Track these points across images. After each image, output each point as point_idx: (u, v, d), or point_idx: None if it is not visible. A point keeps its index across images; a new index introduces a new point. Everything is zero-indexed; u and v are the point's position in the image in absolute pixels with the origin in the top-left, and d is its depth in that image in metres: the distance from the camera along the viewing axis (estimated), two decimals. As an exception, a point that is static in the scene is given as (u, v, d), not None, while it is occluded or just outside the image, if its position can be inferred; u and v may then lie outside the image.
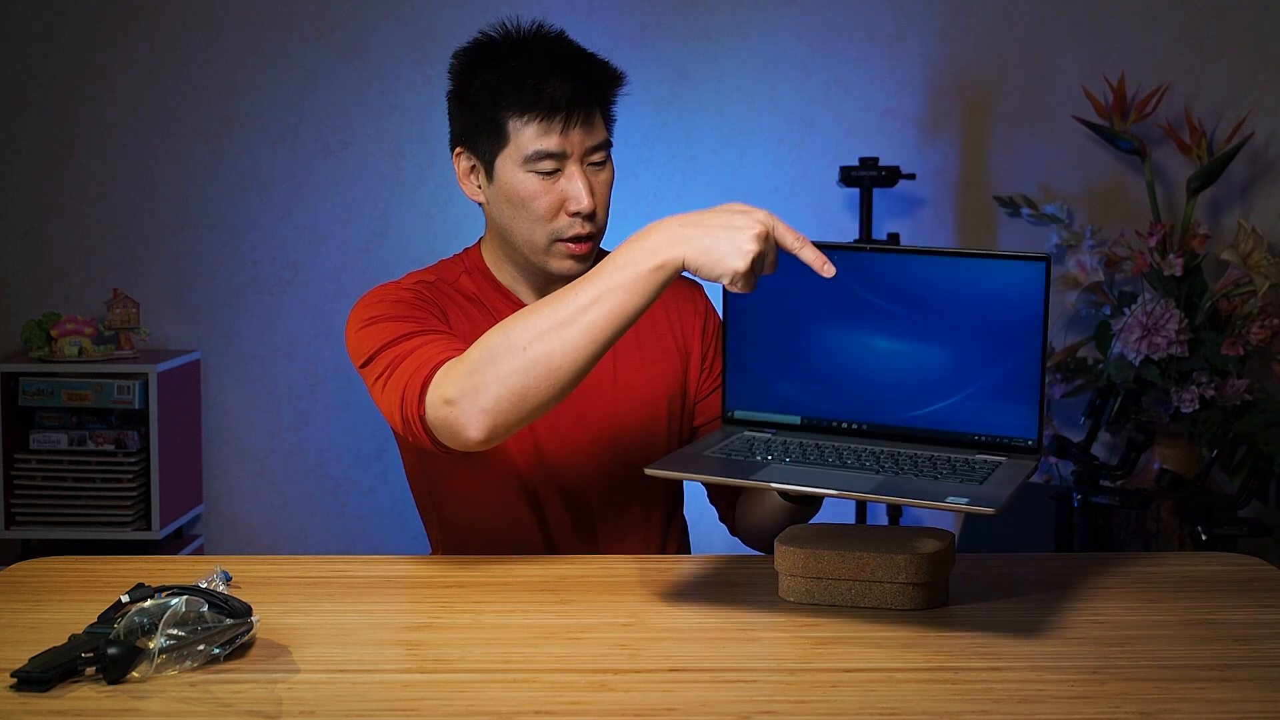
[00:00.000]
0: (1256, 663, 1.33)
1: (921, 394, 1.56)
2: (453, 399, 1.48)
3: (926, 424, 1.57)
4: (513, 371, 1.46)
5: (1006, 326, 1.51)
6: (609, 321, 1.46)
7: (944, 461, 1.50)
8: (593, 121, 1.71)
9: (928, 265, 1.54)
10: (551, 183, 1.70)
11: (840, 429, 1.60)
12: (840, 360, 1.58)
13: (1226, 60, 3.48)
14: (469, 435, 1.48)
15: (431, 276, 1.80)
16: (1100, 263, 3.34)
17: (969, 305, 1.52)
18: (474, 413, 1.47)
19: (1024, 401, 1.52)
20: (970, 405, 1.55)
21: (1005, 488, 1.41)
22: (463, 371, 1.49)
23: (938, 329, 1.54)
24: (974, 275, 1.52)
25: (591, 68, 1.73)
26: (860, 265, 1.56)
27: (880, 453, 1.53)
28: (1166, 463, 3.27)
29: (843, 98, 3.51)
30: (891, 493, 1.39)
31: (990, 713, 1.20)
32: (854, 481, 1.44)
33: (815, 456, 1.52)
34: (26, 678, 1.25)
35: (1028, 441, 1.53)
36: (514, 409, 1.47)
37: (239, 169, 3.54)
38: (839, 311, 1.58)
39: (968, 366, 1.54)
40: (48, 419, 3.31)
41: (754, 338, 1.62)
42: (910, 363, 1.56)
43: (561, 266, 1.73)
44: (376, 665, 1.33)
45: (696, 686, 1.27)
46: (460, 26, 3.39)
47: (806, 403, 1.61)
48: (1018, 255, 1.51)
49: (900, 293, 1.55)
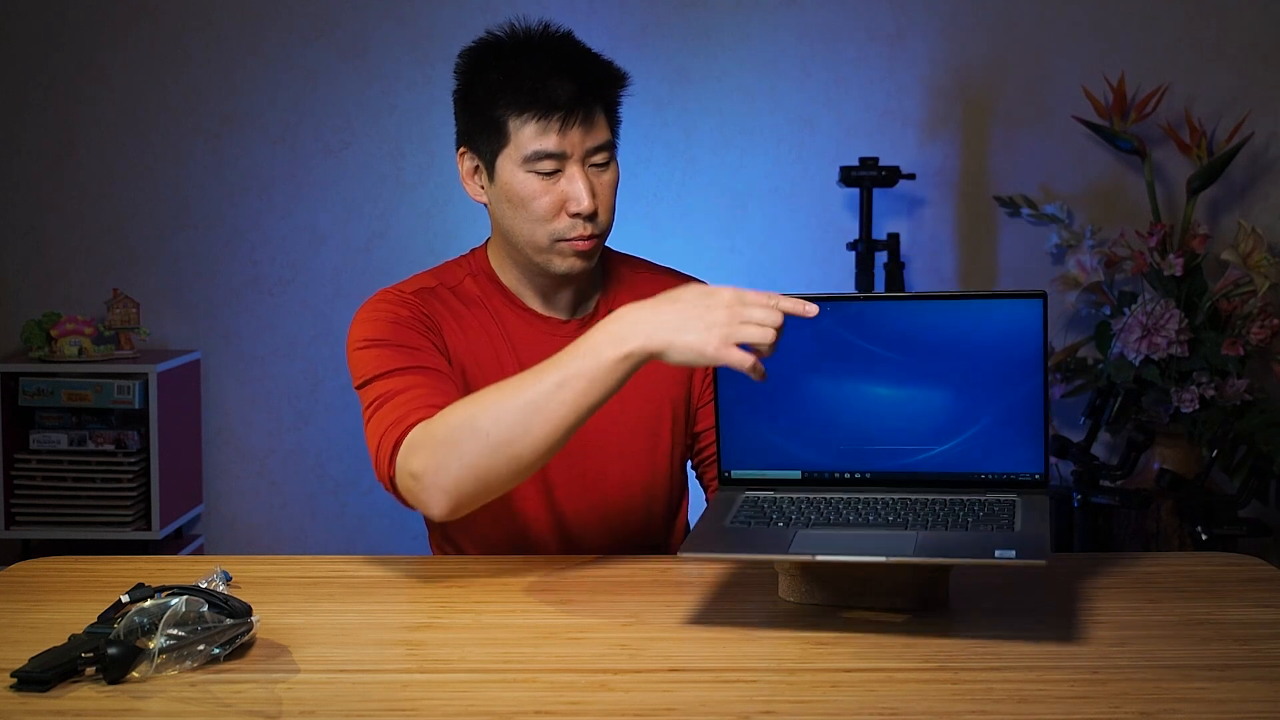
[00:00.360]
0: (1256, 663, 1.33)
1: (923, 438, 1.54)
2: (417, 475, 1.51)
3: (930, 468, 1.54)
4: (476, 455, 1.48)
5: (1006, 365, 1.49)
6: (572, 410, 1.47)
7: (962, 506, 1.48)
8: (594, 121, 1.70)
9: (921, 310, 1.52)
10: (552, 183, 1.69)
11: (843, 480, 1.57)
12: (837, 410, 1.55)
13: (1226, 60, 3.48)
14: (432, 511, 1.52)
15: (434, 281, 1.79)
16: (1100, 263, 3.34)
17: (966, 346, 1.50)
18: (436, 491, 1.50)
19: (1028, 436, 1.50)
20: (973, 446, 1.52)
21: (1038, 530, 1.40)
22: (429, 447, 1.51)
23: (936, 372, 1.52)
24: (970, 316, 1.50)
25: (593, 67, 1.72)
26: (852, 313, 1.53)
27: (894, 502, 1.51)
28: (1166, 463, 3.27)
29: (843, 98, 3.51)
30: (937, 552, 1.37)
31: (990, 713, 1.20)
32: (894, 543, 1.40)
33: (834, 515, 1.49)
34: (26, 678, 1.25)
35: (1034, 475, 1.52)
36: (476, 490, 1.51)
37: (239, 169, 3.54)
38: (832, 361, 1.54)
39: (968, 407, 1.52)
40: (48, 419, 3.31)
41: (747, 394, 1.57)
42: (909, 408, 1.53)
43: (564, 265, 1.72)
44: (376, 665, 1.33)
45: (696, 686, 1.27)
46: (460, 26, 3.40)
47: (805, 456, 1.57)
48: (1013, 294, 1.50)
49: (894, 338, 1.52)
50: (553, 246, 1.71)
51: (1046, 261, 3.53)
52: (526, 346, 1.76)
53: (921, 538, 1.41)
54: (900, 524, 1.46)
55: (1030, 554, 1.34)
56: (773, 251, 3.54)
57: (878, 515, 1.48)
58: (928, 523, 1.46)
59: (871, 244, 3.34)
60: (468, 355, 1.74)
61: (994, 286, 3.54)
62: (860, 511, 1.50)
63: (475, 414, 1.49)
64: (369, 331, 1.70)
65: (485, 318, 1.77)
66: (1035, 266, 3.53)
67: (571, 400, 1.46)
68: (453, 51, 1.79)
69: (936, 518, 1.47)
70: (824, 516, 1.49)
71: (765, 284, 3.47)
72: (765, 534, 1.46)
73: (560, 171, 1.69)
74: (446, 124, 1.79)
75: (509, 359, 1.75)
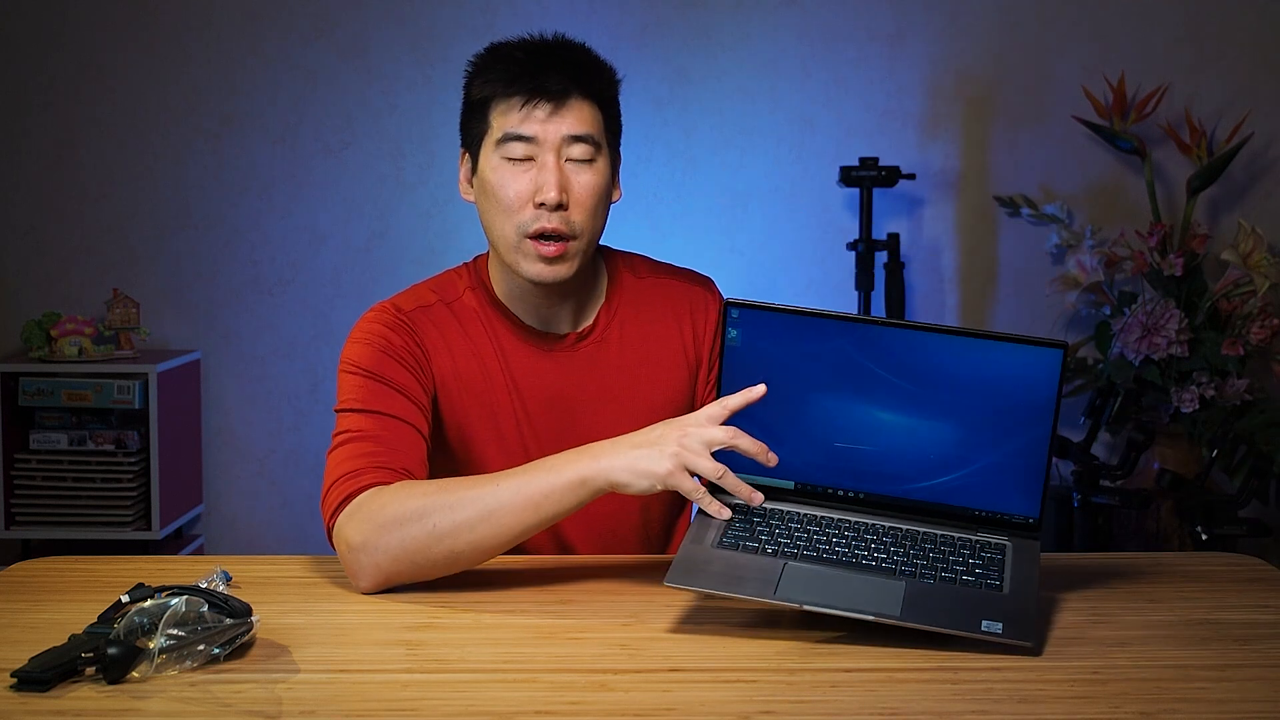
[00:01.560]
0: (1256, 663, 1.33)
1: (922, 468, 1.52)
2: (354, 547, 1.52)
3: (925, 497, 1.53)
4: (415, 544, 1.50)
5: (1016, 409, 1.48)
6: (519, 523, 1.49)
7: (952, 548, 1.47)
8: (571, 109, 1.67)
9: (940, 343, 1.50)
10: (522, 170, 1.66)
11: (835, 496, 1.56)
12: (839, 429, 1.54)
13: (1226, 60, 3.48)
14: (358, 583, 1.54)
15: (433, 297, 1.77)
16: (1100, 263, 3.34)
17: (979, 385, 1.49)
18: (369, 567, 1.52)
19: (1027, 481, 1.49)
20: (971, 481, 1.51)
21: (1026, 598, 1.39)
22: (373, 524, 1.51)
23: (944, 406, 1.50)
24: (989, 356, 1.48)
25: (581, 59, 1.70)
26: (867, 337, 1.52)
27: (884, 532, 1.50)
28: (1166, 463, 3.27)
29: (843, 98, 3.51)
30: (923, 611, 1.36)
31: (990, 713, 1.20)
32: (882, 594, 1.40)
33: (822, 544, 1.48)
34: (26, 678, 1.25)
35: (1028, 520, 1.51)
36: (407, 575, 1.53)
37: (239, 169, 3.54)
38: (840, 382, 1.53)
39: (972, 444, 1.50)
40: (48, 419, 3.31)
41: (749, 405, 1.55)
42: (912, 437, 1.52)
43: (531, 270, 1.68)
44: (376, 665, 1.33)
45: (696, 686, 1.27)
46: (460, 27, 3.40)
47: (800, 468, 1.56)
48: (1035, 340, 1.48)
49: (909, 367, 1.51)
50: (520, 245, 1.67)
51: (1046, 261, 3.53)
52: (520, 364, 1.75)
53: (909, 591, 1.40)
54: (889, 566, 1.45)
55: (1016, 630, 1.34)
56: (773, 251, 3.54)
57: (867, 552, 1.47)
58: (916, 568, 1.44)
59: (871, 244, 3.34)
60: (454, 379, 1.74)
61: (994, 286, 3.54)
62: (849, 542, 1.49)
63: (426, 507, 1.50)
64: (358, 355, 1.70)
65: (480, 335, 1.75)
66: (1035, 266, 3.53)
67: (523, 513, 1.49)
68: (453, 52, 1.80)
69: (926, 561, 1.45)
70: (813, 546, 1.48)
71: (765, 284, 3.49)
72: (753, 565, 1.44)
73: (533, 161, 1.67)
74: (446, 124, 1.80)
75: (500, 379, 1.75)
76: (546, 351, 1.76)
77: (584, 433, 1.75)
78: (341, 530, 1.54)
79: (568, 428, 1.75)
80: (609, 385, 1.77)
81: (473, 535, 1.50)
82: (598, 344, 1.77)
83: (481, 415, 1.75)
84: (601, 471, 1.48)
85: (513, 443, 1.75)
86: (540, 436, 1.75)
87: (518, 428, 1.75)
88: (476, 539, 1.50)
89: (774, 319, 1.54)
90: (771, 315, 1.54)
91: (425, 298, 1.77)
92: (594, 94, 1.70)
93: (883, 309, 3.36)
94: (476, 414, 1.75)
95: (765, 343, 1.53)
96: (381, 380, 1.67)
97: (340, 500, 1.56)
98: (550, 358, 1.76)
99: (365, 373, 1.68)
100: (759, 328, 1.54)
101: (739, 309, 1.55)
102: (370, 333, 1.72)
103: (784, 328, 1.53)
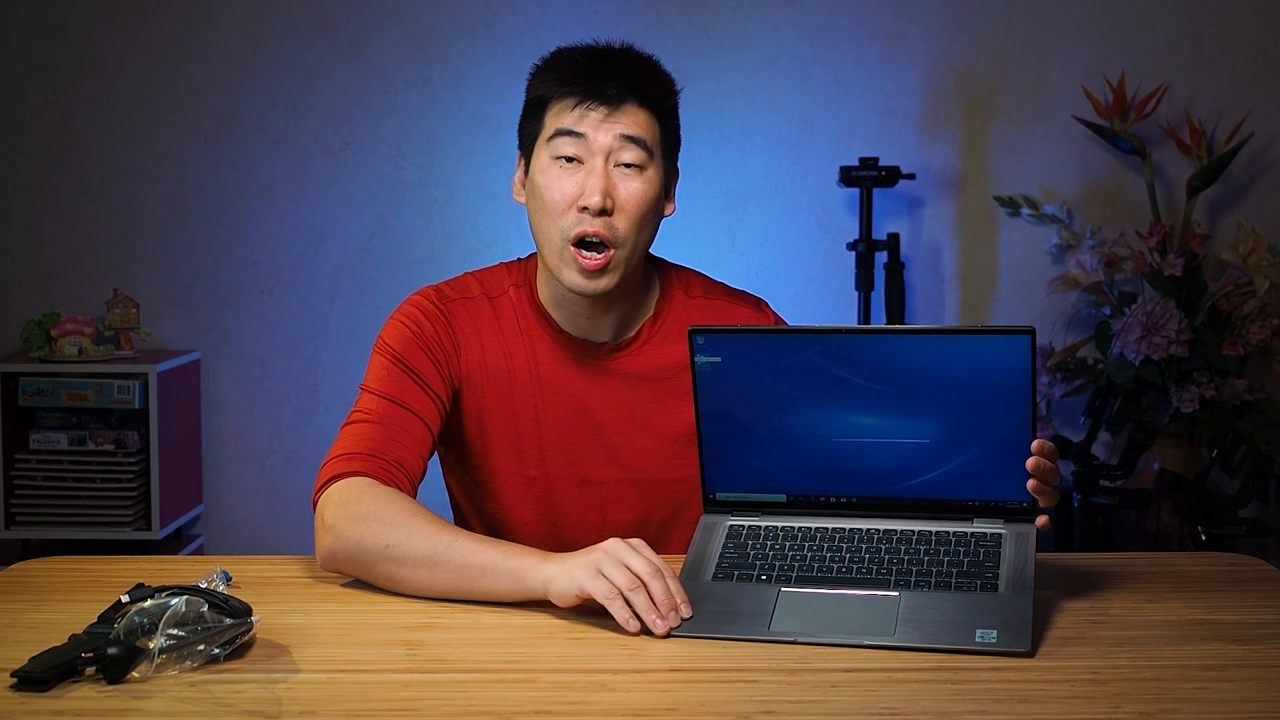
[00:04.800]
0: (1256, 663, 1.33)
1: (911, 465, 1.53)
2: (325, 526, 1.57)
3: (918, 493, 1.53)
4: (368, 554, 1.53)
5: (994, 398, 1.48)
6: (454, 584, 1.50)
7: (948, 546, 1.48)
8: (626, 113, 1.66)
9: (908, 344, 1.50)
10: (569, 174, 1.66)
11: (828, 503, 1.56)
12: (823, 438, 1.54)
13: (1226, 60, 3.48)
14: (319, 557, 1.59)
15: (477, 289, 1.77)
16: (1100, 263, 3.34)
17: (955, 380, 1.49)
18: (329, 548, 1.57)
19: (1016, 465, 1.49)
20: (961, 474, 1.52)
21: (1021, 598, 1.39)
22: (346, 514, 1.55)
23: (924, 404, 1.50)
24: (958, 351, 1.49)
25: (641, 68, 1.70)
26: (834, 347, 1.52)
27: (878, 537, 1.51)
28: (1166, 463, 3.27)
29: (843, 98, 3.52)
30: (916, 636, 1.35)
31: (990, 713, 1.20)
32: (877, 613, 1.40)
33: (818, 560, 1.48)
34: (26, 678, 1.25)
35: (1022, 504, 1.52)
36: (357, 573, 1.57)
37: (239, 169, 3.54)
38: (818, 393, 1.53)
39: (957, 437, 1.51)
40: (48, 419, 3.31)
41: (730, 420, 1.56)
42: (897, 436, 1.52)
43: (572, 279, 1.67)
44: (376, 665, 1.33)
45: (696, 686, 1.27)
46: (460, 27, 3.40)
47: (790, 480, 1.56)
48: (1003, 330, 1.48)
49: (881, 371, 1.51)
50: (564, 251, 1.67)
51: (1046, 261, 3.53)
52: (549, 368, 1.74)
53: (904, 606, 1.40)
54: (885, 577, 1.45)
55: (1011, 637, 1.34)
56: (773, 251, 3.54)
57: (862, 564, 1.47)
58: (912, 575, 1.45)
59: (871, 244, 3.34)
60: (480, 373, 1.74)
61: (994, 286, 3.54)
62: (844, 555, 1.49)
63: (390, 532, 1.52)
64: (392, 337, 1.73)
65: (514, 334, 1.75)
66: (1035, 266, 3.53)
67: (460, 575, 1.49)
68: (453, 52, 1.80)
69: (921, 566, 1.46)
70: (808, 565, 1.48)
71: (765, 284, 3.49)
72: (747, 598, 1.44)
73: (581, 164, 1.66)
74: (446, 124, 1.80)
75: (526, 379, 1.74)
76: (578, 358, 1.75)
77: (600, 446, 1.75)
78: (321, 506, 1.59)
79: (586, 438, 1.75)
80: (635, 403, 1.76)
81: (414, 572, 1.51)
82: (633, 358, 1.76)
83: (502, 413, 1.75)
84: (542, 578, 1.45)
85: (528, 445, 1.75)
86: (556, 443, 1.75)
87: (536, 430, 1.75)
88: (415, 577, 1.51)
89: (740, 340, 1.55)
90: (737, 337, 1.55)
91: (470, 289, 1.78)
92: (651, 103, 1.69)
93: (883, 309, 3.37)
94: (498, 411, 1.75)
95: (736, 365, 1.54)
96: (405, 368, 1.70)
97: (330, 476, 1.60)
98: (581, 365, 1.75)
99: (393, 357, 1.71)
100: (727, 351, 1.54)
101: (704, 335, 1.55)
102: (409, 316, 1.74)
103: (751, 348, 1.54)
